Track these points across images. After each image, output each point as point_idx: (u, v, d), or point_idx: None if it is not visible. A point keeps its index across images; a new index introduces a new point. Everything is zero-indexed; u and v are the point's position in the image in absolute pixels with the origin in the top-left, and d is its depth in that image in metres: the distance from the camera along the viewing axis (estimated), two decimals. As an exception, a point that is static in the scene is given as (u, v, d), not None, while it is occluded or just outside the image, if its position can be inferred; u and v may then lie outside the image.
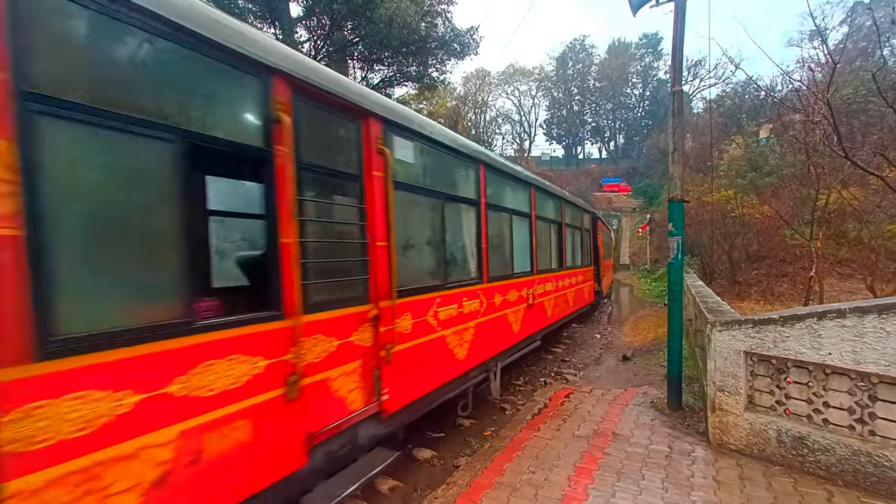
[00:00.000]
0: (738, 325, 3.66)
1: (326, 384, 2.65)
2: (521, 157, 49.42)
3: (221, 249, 3.81)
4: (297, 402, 2.38)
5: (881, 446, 2.93)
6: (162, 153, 1.86)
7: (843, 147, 5.86)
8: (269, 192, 2.30)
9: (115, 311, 1.72)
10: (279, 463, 2.29)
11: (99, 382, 1.61)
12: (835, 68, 6.13)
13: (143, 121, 1.78)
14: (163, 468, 1.78)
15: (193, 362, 1.91)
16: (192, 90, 2.02)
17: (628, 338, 10.17)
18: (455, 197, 4.27)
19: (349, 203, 2.97)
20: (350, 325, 2.85)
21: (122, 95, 1.73)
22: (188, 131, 1.94)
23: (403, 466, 4.03)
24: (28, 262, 1.46)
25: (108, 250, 1.72)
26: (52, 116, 1.53)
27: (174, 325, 1.85)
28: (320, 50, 15.21)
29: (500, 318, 5.12)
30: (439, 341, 3.85)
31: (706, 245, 15.18)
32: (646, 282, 23.07)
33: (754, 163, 17.40)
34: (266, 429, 2.22)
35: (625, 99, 60.07)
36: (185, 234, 1.92)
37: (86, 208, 1.66)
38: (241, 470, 2.11)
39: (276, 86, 2.35)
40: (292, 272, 2.35)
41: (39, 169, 1.49)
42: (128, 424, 1.68)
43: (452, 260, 4.23)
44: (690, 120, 29.09)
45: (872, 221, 10.28)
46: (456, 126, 35.03)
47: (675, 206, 4.82)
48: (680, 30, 4.77)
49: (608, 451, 3.77)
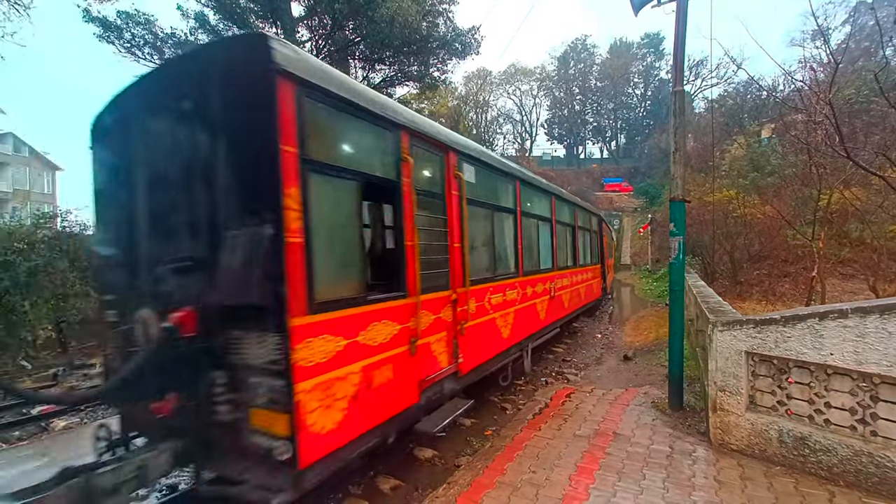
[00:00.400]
0: (739, 325, 3.65)
1: (429, 346, 3.71)
2: (523, 156, 49.37)
3: (375, 249, 5.23)
4: (414, 357, 3.44)
5: (883, 447, 2.93)
6: (354, 189, 2.96)
7: (846, 147, 5.84)
8: (399, 210, 3.38)
9: (336, 289, 2.77)
10: (406, 397, 3.33)
11: (330, 330, 2.63)
12: (837, 68, 6.11)
13: (345, 169, 2.88)
14: (355, 388, 2.81)
15: (368, 322, 2.97)
16: (367, 147, 3.22)
17: (629, 338, 10.16)
18: (500, 207, 5.42)
19: (438, 215, 4.00)
20: (440, 305, 3.90)
21: (339, 155, 2.92)
22: (364, 173, 3.05)
23: (404, 465, 4.04)
24: (305, 258, 2.45)
25: (334, 251, 2.85)
26: (312, 171, 2.56)
27: (359, 299, 2.92)
28: (322, 49, 15.20)
29: (531, 306, 6.19)
30: (492, 322, 4.90)
31: (708, 245, 15.15)
32: (647, 282, 23.05)
33: (756, 163, 17.35)
34: (400, 372, 3.26)
35: (626, 99, 59.96)
36: (363, 240, 3.11)
37: (327, 226, 2.72)
38: (389, 397, 3.13)
39: (402, 137, 3.44)
40: (414, 265, 3.44)
41: (308, 202, 2.50)
42: (341, 358, 2.70)
43: (499, 257, 5.30)
44: (692, 120, 29.05)
45: (875, 222, 10.24)
46: (457, 126, 34.99)
47: (676, 206, 4.81)
48: (682, 30, 4.76)
49: (609, 451, 3.77)
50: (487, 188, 5.06)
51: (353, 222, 2.98)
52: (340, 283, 2.85)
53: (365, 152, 3.18)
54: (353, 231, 3.00)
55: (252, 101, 2.47)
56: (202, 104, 2.68)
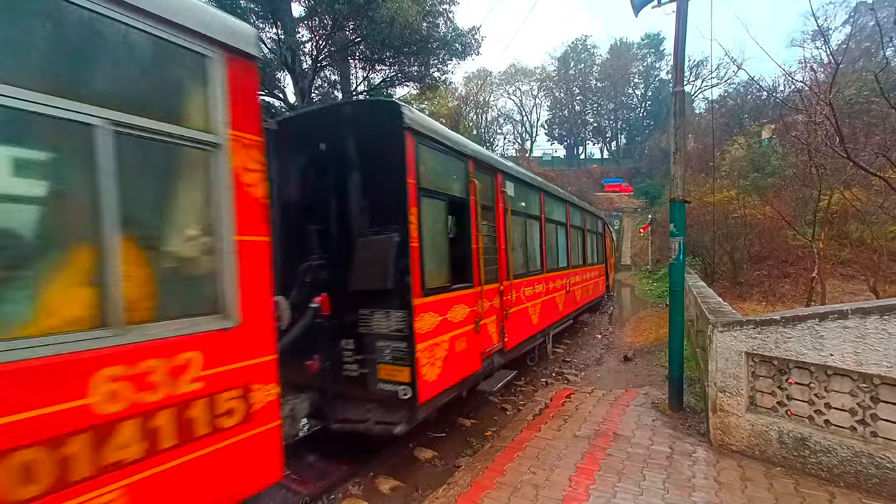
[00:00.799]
0: (739, 325, 3.65)
1: (486, 326, 4.68)
2: (523, 157, 49.32)
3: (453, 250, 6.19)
4: (478, 334, 4.45)
5: (883, 448, 2.93)
6: (444, 206, 4.06)
7: (846, 148, 5.85)
8: (468, 222, 4.38)
9: (435, 279, 3.79)
10: (473, 364, 4.34)
11: (433, 309, 3.65)
12: (837, 69, 6.12)
13: (439, 192, 3.95)
14: (445, 352, 3.82)
15: (452, 305, 3.97)
16: (450, 174, 4.24)
17: (629, 338, 10.15)
18: (530, 215, 6.46)
19: (490, 223, 4.95)
20: (493, 294, 4.89)
21: (436, 182, 3.90)
22: (449, 194, 4.16)
23: (404, 466, 4.04)
24: (420, 257, 3.50)
25: (434, 252, 3.81)
26: (422, 195, 3.61)
27: (448, 287, 3.97)
28: (322, 50, 15.21)
29: (552, 299, 7.26)
30: (526, 310, 5.95)
31: (708, 246, 15.16)
32: (647, 282, 23.04)
33: (756, 163, 17.37)
34: (469, 344, 4.28)
35: (626, 99, 59.93)
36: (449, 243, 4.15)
37: (430, 234, 3.73)
38: (463, 362, 4.15)
39: (469, 164, 4.45)
40: (478, 263, 4.44)
41: (421, 218, 3.54)
42: (438, 329, 3.72)
43: (530, 257, 6.37)
44: (692, 120, 29.06)
45: (875, 222, 10.25)
46: (457, 126, 34.98)
47: (676, 207, 4.81)
48: (682, 30, 4.76)
49: (609, 452, 3.77)
50: (522, 200, 6.17)
51: (443, 231, 4.10)
52: (437, 275, 3.88)
53: (449, 179, 4.24)
54: (443, 237, 4.09)
55: (388, 147, 3.50)
56: (351, 143, 3.76)
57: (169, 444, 1.77)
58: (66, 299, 1.60)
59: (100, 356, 1.60)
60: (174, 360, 1.80)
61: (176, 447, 1.80)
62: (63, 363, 1.51)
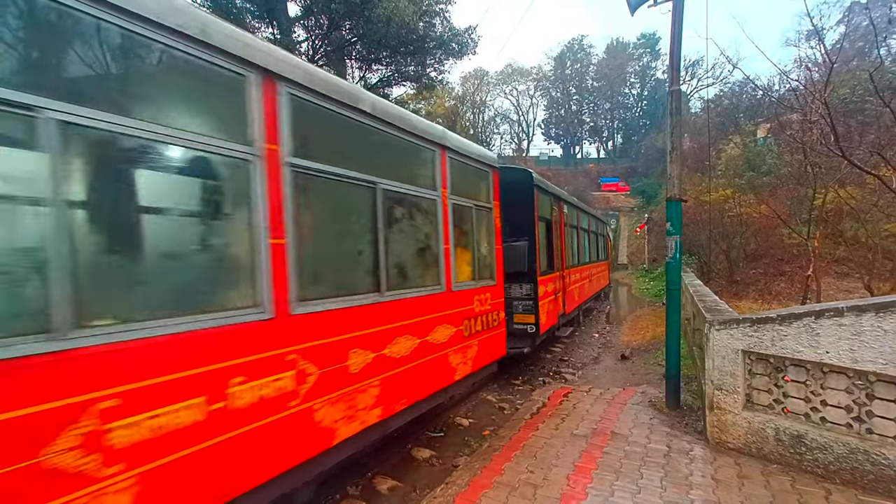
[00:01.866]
0: (735, 323, 3.66)
1: (558, 297, 7.81)
2: (520, 156, 49.43)
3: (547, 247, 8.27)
4: (556, 300, 7.59)
5: (879, 444, 2.94)
6: (545, 224, 7.34)
7: (841, 146, 5.88)
8: (556, 230, 7.70)
9: (544, 266, 7.04)
10: (555, 318, 7.61)
11: (542, 284, 6.77)
12: (832, 68, 6.15)
13: (544, 217, 7.23)
14: (548, 309, 7.03)
15: (549, 282, 7.13)
16: (547, 206, 7.47)
17: (626, 337, 10.17)
18: (572, 225, 9.65)
19: (549, 229, 7.51)
20: (555, 279, 7.53)
21: (544, 211, 7.30)
22: (546, 218, 7.35)
23: (402, 466, 4.03)
24: (539, 254, 6.73)
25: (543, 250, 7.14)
26: (540, 220, 7.15)
27: (548, 271, 7.16)
28: (318, 50, 15.16)
29: (583, 284, 10.52)
30: (572, 290, 8.98)
31: (704, 244, 15.21)
32: (644, 281, 23.10)
33: (752, 162, 17.45)
34: (554, 306, 7.48)
35: (623, 99, 60.15)
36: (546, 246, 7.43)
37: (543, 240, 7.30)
38: (553, 315, 7.37)
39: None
40: (557, 255, 7.95)
41: (539, 231, 7.10)
42: (545, 296, 6.86)
43: (571, 254, 9.39)
44: (688, 119, 29.15)
45: (869, 220, 10.31)
46: (454, 126, 34.95)
47: (672, 206, 4.82)
48: (678, 29, 4.77)
49: (607, 451, 3.78)
50: (570, 215, 9.32)
51: (546, 237, 7.19)
52: (544, 264, 6.88)
53: (547, 209, 7.28)
54: (545, 242, 7.16)
55: (525, 195, 6.56)
56: (511, 192, 5.67)
57: (483, 329, 4.63)
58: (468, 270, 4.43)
59: (480, 290, 4.58)
60: (481, 294, 4.59)
61: (485, 330, 4.69)
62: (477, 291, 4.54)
